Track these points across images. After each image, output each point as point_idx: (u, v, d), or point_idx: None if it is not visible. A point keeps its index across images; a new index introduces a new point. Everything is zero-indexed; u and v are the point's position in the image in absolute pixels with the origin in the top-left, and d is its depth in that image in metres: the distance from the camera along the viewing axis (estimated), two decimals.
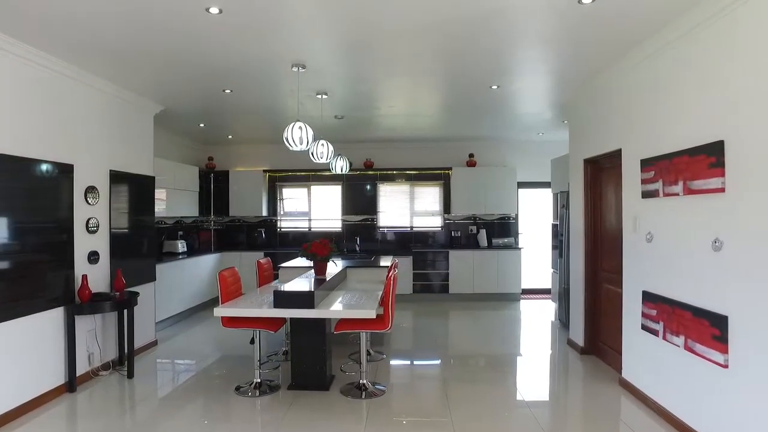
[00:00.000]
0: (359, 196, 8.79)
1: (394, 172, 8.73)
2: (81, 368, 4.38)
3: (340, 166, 6.24)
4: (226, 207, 8.59)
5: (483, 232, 8.45)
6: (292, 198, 9.02)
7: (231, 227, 8.92)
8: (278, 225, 8.94)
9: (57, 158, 4.11)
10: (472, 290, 8.13)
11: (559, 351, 5.42)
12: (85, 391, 4.22)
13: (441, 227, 8.77)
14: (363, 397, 4.03)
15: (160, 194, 6.73)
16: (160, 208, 6.91)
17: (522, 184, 8.64)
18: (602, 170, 4.88)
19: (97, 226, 4.60)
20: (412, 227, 8.80)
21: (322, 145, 5.06)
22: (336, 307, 3.94)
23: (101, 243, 4.67)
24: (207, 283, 7.55)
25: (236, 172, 8.58)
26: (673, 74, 3.42)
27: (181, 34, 3.49)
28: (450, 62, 4.19)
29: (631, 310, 4.01)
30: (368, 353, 5.10)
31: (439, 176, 8.72)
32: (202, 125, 6.81)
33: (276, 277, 5.64)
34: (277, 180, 8.90)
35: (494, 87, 4.91)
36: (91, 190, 4.52)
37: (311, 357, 4.19)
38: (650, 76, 3.72)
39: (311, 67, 4.25)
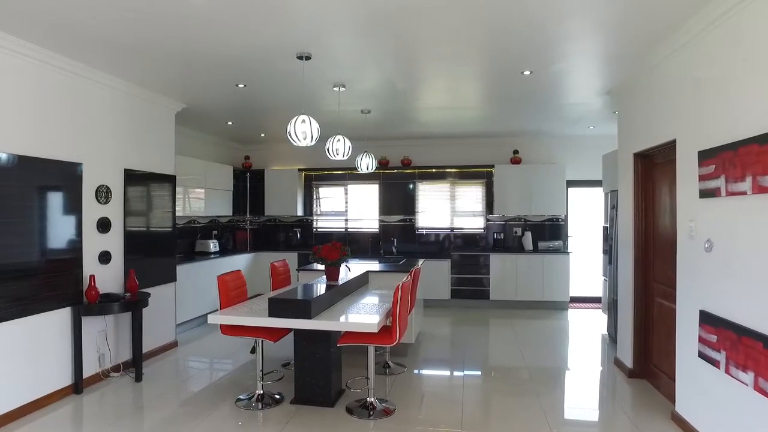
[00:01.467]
0: (397, 196, 8.35)
1: (433, 170, 8.22)
2: (91, 369, 4.28)
3: (366, 163, 5.84)
4: (262, 206, 8.44)
5: (528, 234, 7.75)
6: (329, 197, 8.74)
7: (267, 227, 8.78)
8: (314, 225, 8.69)
9: (64, 157, 4.00)
10: (515, 297, 7.47)
11: (606, 371, 4.72)
12: (91, 394, 4.09)
13: (483, 229, 8.16)
14: (370, 416, 3.61)
15: (190, 194, 6.64)
16: (195, 208, 6.83)
17: (572, 183, 7.86)
18: (655, 166, 4.16)
19: (109, 226, 4.48)
20: (452, 228, 8.25)
21: (338, 140, 4.67)
22: (344, 317, 3.54)
23: (114, 243, 4.55)
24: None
25: (272, 171, 8.41)
26: (741, 40, 2.73)
27: (179, 24, 3.24)
28: (483, 42, 3.64)
29: (687, 332, 3.32)
30: (387, 365, 4.68)
31: (481, 174, 8.11)
32: (229, 123, 6.64)
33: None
34: (313, 179, 8.65)
35: (526, 72, 4.31)
36: (102, 189, 4.40)
37: (315, 370, 3.82)
38: (713, 47, 3.02)
39: (318, 55, 3.87)
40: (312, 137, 3.80)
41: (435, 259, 7.60)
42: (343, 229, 8.61)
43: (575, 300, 7.78)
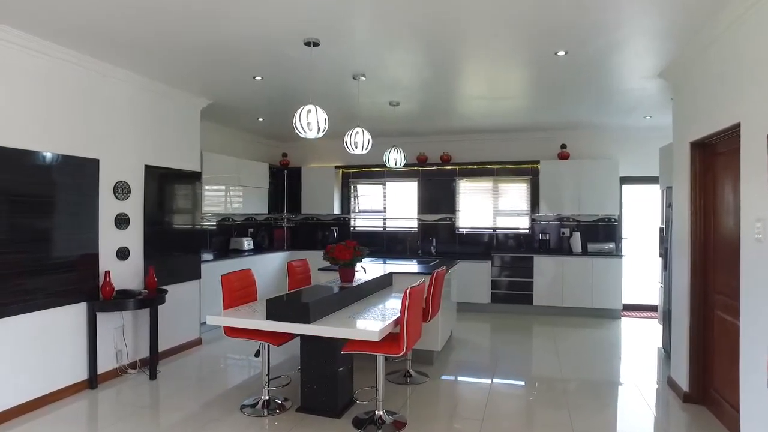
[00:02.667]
0: (436, 194, 7.93)
1: (475, 166, 7.72)
2: (108, 365, 4.24)
3: (395, 158, 5.49)
4: (299, 205, 8.29)
5: (577, 235, 7.09)
6: (366, 195, 8.46)
7: (305, 225, 8.63)
8: (351, 223, 8.44)
9: (79, 153, 3.96)
10: (561, 303, 6.85)
11: (658, 392, 4.09)
12: (105, 390, 4.03)
13: (528, 229, 7.57)
14: (378, 431, 3.28)
15: (222, 191, 6.57)
16: (228, 205, 6.76)
17: (626, 180, 7.11)
18: (715, 156, 3.53)
19: (128, 222, 4.42)
20: (494, 228, 7.72)
21: (357, 133, 4.36)
22: (350, 322, 3.21)
23: (132, 239, 4.49)
24: (272, 282, 7.28)
25: (308, 168, 8.24)
26: None
27: (185, 16, 3.08)
28: (515, 17, 3.20)
29: (753, 355, 2.72)
30: (407, 374, 4.32)
31: (526, 171, 7.52)
32: (260, 119, 6.51)
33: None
34: (350, 176, 8.40)
35: (560, 53, 3.80)
36: (120, 185, 4.35)
37: (321, 377, 3.54)
38: None
39: (328, 40, 3.57)
40: (319, 128, 3.51)
41: (475, 260, 7.12)
42: (381, 228, 8.30)
43: (629, 308, 7.04)
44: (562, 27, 3.32)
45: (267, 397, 3.67)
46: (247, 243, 7.18)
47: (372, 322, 3.23)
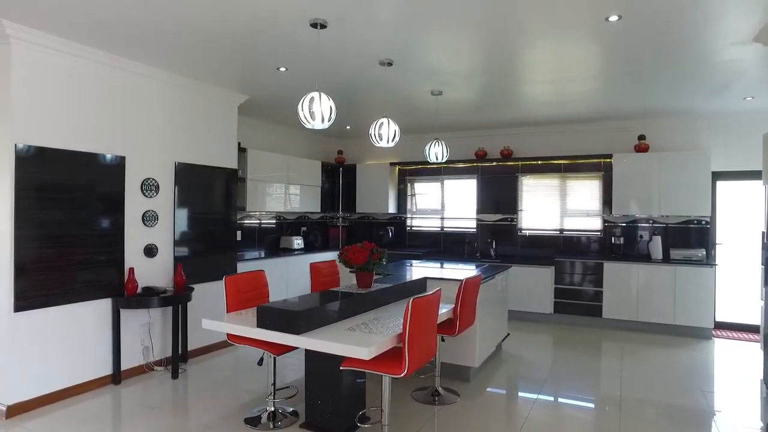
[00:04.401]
0: (496, 192, 7.27)
1: (539, 162, 6.95)
2: (134, 361, 4.23)
3: (435, 153, 4.99)
4: (354, 203, 8.02)
5: (658, 239, 6.08)
6: (423, 194, 7.99)
7: (361, 224, 8.34)
8: (408, 223, 8.01)
9: (104, 150, 3.96)
10: (635, 317, 5.90)
11: None
12: (128, 387, 4.00)
13: (599, 231, 6.66)
14: None
15: (270, 189, 6.47)
16: (276, 204, 6.65)
17: (721, 175, 5.97)
18: None
19: (156, 219, 4.38)
20: (561, 230, 6.89)
21: (381, 124, 3.94)
22: (348, 335, 2.82)
23: (161, 236, 4.44)
24: None
25: (363, 166, 7.94)
26: None
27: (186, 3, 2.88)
28: None
29: None
30: (435, 393, 3.83)
31: (597, 166, 6.62)
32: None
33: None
34: (407, 174, 7.98)
35: (612, 18, 3.09)
36: (148, 182, 4.31)
37: (325, 392, 3.19)
38: None
39: (340, 20, 3.20)
40: (323, 118, 3.15)
41: (537, 265, 6.38)
42: (439, 228, 7.78)
43: (722, 327, 5.91)
44: None
45: (272, 409, 3.39)
46: (297, 242, 7.04)
47: (374, 336, 2.80)
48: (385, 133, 3.93)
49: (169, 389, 3.98)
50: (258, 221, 6.77)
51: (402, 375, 2.73)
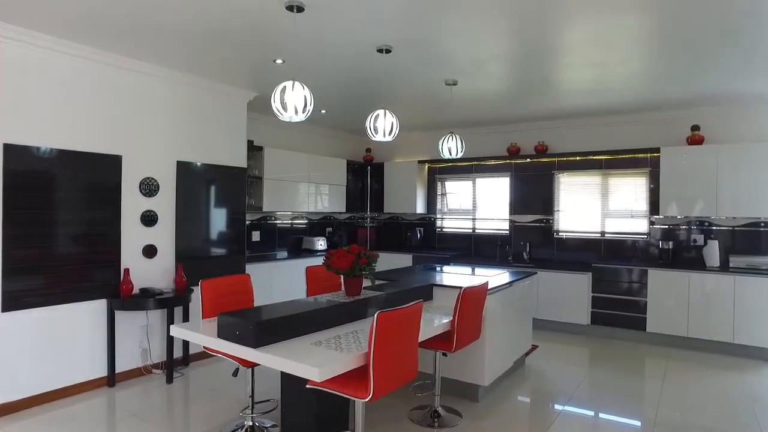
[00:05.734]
0: (531, 191, 6.68)
1: (577, 158, 6.30)
2: (132, 364, 4.14)
3: (449, 147, 4.54)
4: (382, 203, 7.68)
5: (714, 244, 5.28)
6: (454, 193, 7.51)
7: (390, 225, 7.99)
8: (437, 224, 7.57)
9: (100, 149, 3.88)
10: (685, 332, 5.16)
11: None
12: (122, 390, 3.89)
13: (646, 235, 5.91)
14: None
15: (288, 189, 6.26)
16: (294, 203, 6.44)
17: None
18: None
19: (155, 219, 4.26)
20: (602, 233, 6.20)
21: (377, 116, 3.58)
22: (311, 351, 2.49)
23: (162, 237, 4.33)
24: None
25: (391, 164, 7.58)
26: None
27: None
28: None
29: None
30: (435, 414, 3.43)
31: (643, 162, 5.88)
32: (323, 111, 6.03)
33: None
34: (436, 172, 7.54)
35: None
36: (147, 181, 4.20)
37: (301, 412, 2.88)
38: None
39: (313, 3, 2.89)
40: (296, 110, 2.85)
41: (572, 271, 5.76)
42: (470, 230, 7.28)
43: None
44: None
45: (250, 424, 3.13)
46: (321, 243, 6.80)
47: (339, 353, 2.45)
48: (381, 125, 3.57)
49: (159, 395, 3.83)
50: (280, 221, 6.60)
51: (368, 399, 2.37)
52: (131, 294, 3.99)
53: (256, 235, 6.24)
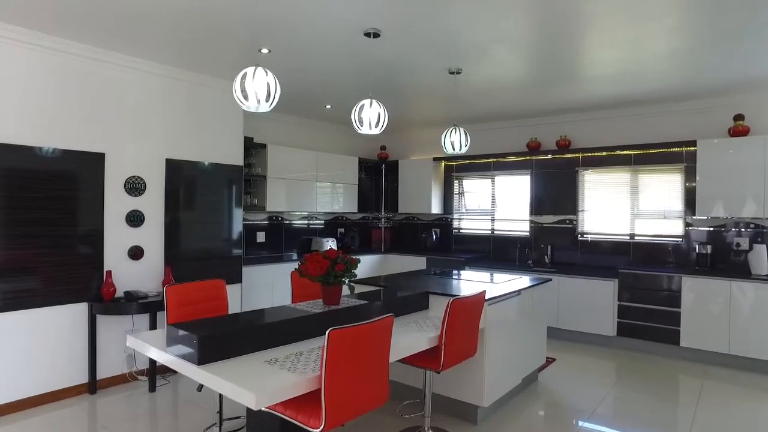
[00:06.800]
0: (553, 189, 6.16)
1: (603, 153, 5.73)
2: (117, 370, 3.95)
3: (451, 142, 4.13)
4: (397, 202, 7.31)
5: (762, 249, 4.63)
6: (471, 192, 7.06)
7: (406, 226, 7.60)
8: (454, 225, 7.13)
9: (81, 147, 3.70)
10: (725, 349, 4.54)
11: None
12: (103, 398, 3.70)
13: (681, 238, 5.29)
14: None
15: (293, 188, 5.99)
16: (309, 203, 6.17)
17: None
18: None
19: (142, 219, 4.06)
20: (632, 235, 5.62)
21: (362, 107, 3.22)
22: (267, 369, 2.17)
23: (148, 238, 4.12)
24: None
25: (406, 162, 7.19)
26: None
27: None
28: None
29: None
30: None
31: (678, 156, 5.27)
32: (328, 107, 5.72)
33: None
34: (453, 170, 7.10)
35: None
36: (133, 180, 4.01)
37: (268, 430, 2.56)
38: None
39: None
40: (258, 99, 2.53)
41: (596, 277, 5.22)
42: (488, 231, 6.81)
43: None
44: None
45: None
46: (330, 244, 6.50)
47: (291, 374, 2.11)
48: (367, 116, 3.21)
49: (137, 405, 3.61)
50: (288, 222, 6.35)
51: (319, 430, 2.02)
52: (113, 297, 3.80)
53: (261, 236, 6.00)
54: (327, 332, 1.95)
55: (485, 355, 3.26)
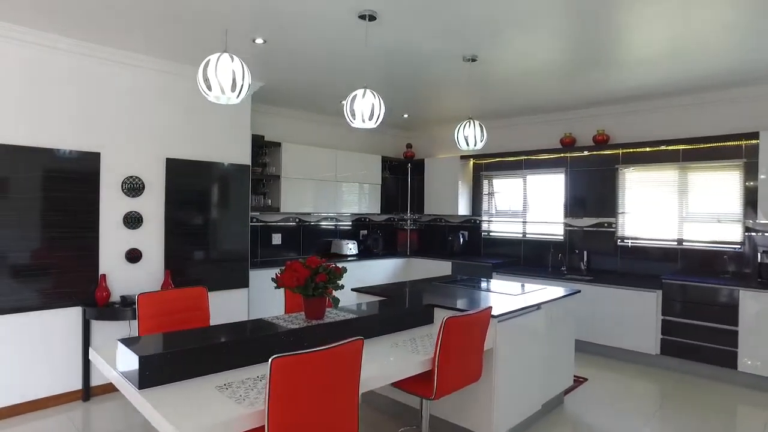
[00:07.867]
0: (589, 189, 5.56)
1: (647, 149, 5.09)
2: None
3: (465, 136, 3.69)
4: (422, 203, 6.90)
5: None
6: (502, 192, 6.54)
7: (433, 228, 7.17)
8: (483, 227, 6.63)
9: (75, 147, 3.56)
10: None
11: None
12: (96, 405, 3.56)
13: (738, 244, 4.59)
14: None
15: (312, 188, 5.72)
16: (315, 203, 5.89)
17: None
18: None
19: (140, 221, 3.89)
20: (680, 241, 4.95)
21: (355, 97, 2.87)
22: (215, 397, 1.87)
23: (148, 240, 3.94)
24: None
25: (432, 160, 6.77)
26: None
27: None
28: None
29: None
30: None
31: (736, 151, 4.57)
32: (342, 102, 5.37)
33: None
34: (482, 169, 6.61)
35: None
36: (130, 180, 3.84)
37: None
38: None
39: None
40: (222, 89, 2.23)
41: (636, 287, 4.62)
42: (520, 235, 6.28)
43: None
44: None
45: None
46: (350, 247, 6.20)
47: (237, 405, 1.78)
48: (359, 108, 2.85)
49: (132, 414, 3.42)
50: (306, 223, 6.09)
51: None
52: (108, 302, 3.64)
53: (277, 238, 5.78)
54: (270, 360, 1.62)
55: (495, 378, 2.83)
